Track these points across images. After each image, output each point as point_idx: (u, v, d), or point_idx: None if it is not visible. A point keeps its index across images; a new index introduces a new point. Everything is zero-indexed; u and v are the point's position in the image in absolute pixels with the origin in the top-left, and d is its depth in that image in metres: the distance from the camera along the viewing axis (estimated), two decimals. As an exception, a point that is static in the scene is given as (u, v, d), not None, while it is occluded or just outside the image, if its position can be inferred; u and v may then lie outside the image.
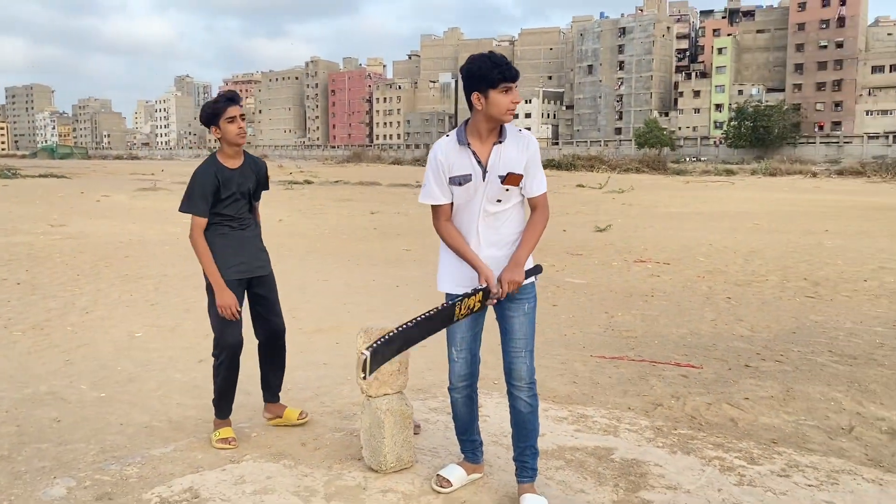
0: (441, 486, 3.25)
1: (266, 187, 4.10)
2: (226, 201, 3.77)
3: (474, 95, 2.98)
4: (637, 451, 3.78)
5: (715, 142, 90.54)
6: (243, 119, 3.76)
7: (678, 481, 3.42)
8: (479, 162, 3.02)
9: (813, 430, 4.26)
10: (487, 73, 2.95)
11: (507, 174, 3.03)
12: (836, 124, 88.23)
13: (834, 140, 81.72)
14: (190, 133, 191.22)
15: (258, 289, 3.96)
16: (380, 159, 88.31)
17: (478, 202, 3.06)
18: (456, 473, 3.31)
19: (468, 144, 3.04)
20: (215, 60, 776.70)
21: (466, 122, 3.10)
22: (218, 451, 3.68)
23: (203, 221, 3.72)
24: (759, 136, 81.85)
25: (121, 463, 3.55)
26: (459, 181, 3.03)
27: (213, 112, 3.72)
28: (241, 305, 3.84)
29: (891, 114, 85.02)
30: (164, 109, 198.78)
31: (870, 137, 79.57)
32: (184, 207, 3.73)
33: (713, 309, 8.10)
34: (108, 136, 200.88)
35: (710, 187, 37.66)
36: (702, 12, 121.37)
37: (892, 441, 4.10)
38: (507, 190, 3.06)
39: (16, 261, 10.81)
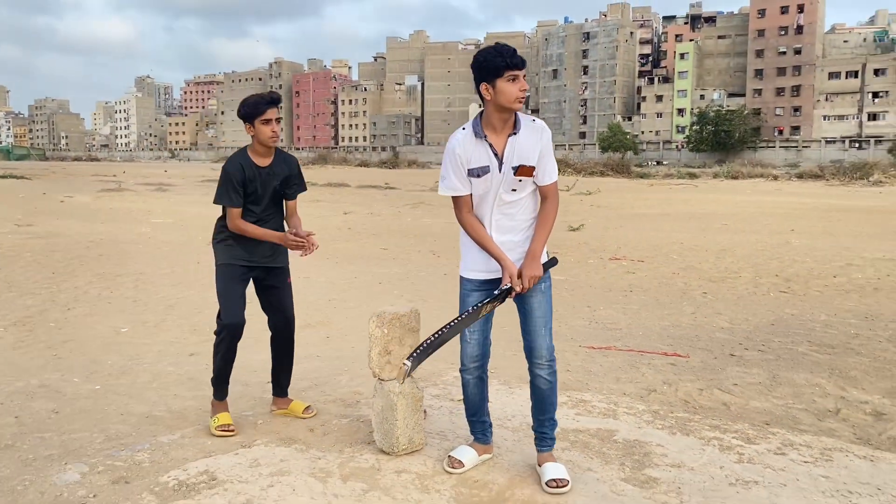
0: (453, 467, 3.31)
1: (302, 187, 4.09)
2: (249, 196, 3.80)
3: (483, 86, 3.03)
4: (638, 432, 3.89)
5: (677, 146, 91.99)
6: (279, 122, 3.80)
7: (681, 460, 3.53)
8: (495, 154, 3.09)
9: (802, 412, 4.42)
10: (493, 62, 3.00)
11: (519, 166, 3.09)
12: (795, 129, 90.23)
13: (793, 144, 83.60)
14: (151, 135, 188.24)
15: (267, 280, 4.00)
16: (346, 161, 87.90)
17: (494, 192, 3.12)
18: (468, 454, 3.38)
19: (485, 137, 3.09)
20: (176, 61, 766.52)
21: (480, 114, 3.15)
22: (227, 438, 3.70)
23: (238, 211, 3.77)
24: (721, 141, 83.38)
25: (130, 450, 3.54)
26: (478, 173, 3.09)
27: (254, 111, 3.73)
28: (244, 290, 3.90)
29: (847, 119, 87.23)
30: (125, 110, 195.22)
31: (827, 142, 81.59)
32: (217, 199, 3.78)
33: (691, 303, 8.29)
34: (66, 137, 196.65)
35: (674, 190, 38.28)
36: (664, 18, 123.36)
37: (878, 422, 4.27)
38: (521, 181, 3.13)
39: (-14, 259, 10.61)
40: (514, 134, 3.10)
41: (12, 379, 5.02)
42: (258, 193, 3.82)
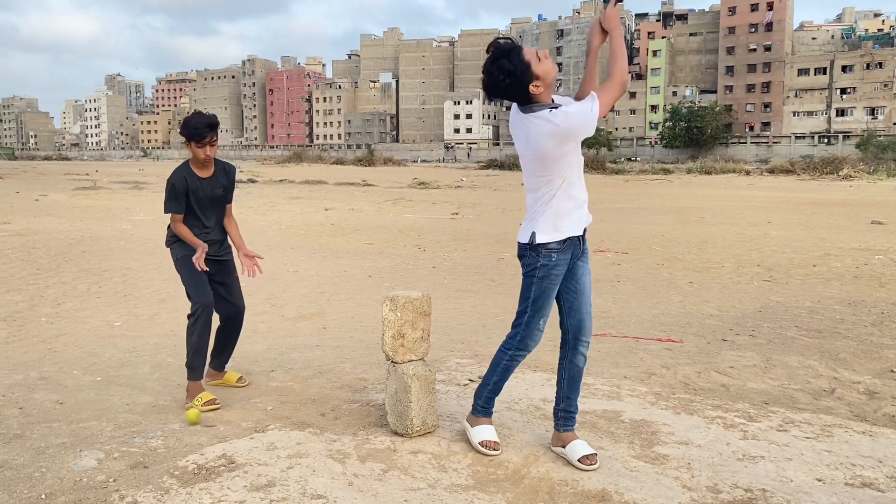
0: (495, 449, 3.33)
1: (231, 195, 4.52)
2: (192, 205, 4.20)
3: (532, 87, 3.01)
4: (643, 412, 3.97)
5: (651, 142, 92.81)
6: (213, 145, 4.14)
7: (688, 437, 3.61)
8: None
9: (798, 392, 4.53)
10: (525, 57, 3.01)
11: None
12: (766, 125, 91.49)
13: (764, 140, 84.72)
14: (122, 133, 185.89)
15: (217, 275, 4.34)
16: (321, 159, 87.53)
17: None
18: (494, 433, 3.42)
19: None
20: (144, 59, 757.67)
21: (544, 107, 3.06)
22: (240, 423, 3.71)
23: (180, 216, 4.19)
24: (693, 137, 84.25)
25: (143, 437, 3.54)
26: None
27: (193, 134, 4.10)
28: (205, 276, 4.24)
29: (816, 115, 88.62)
30: (95, 109, 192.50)
31: (797, 137, 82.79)
32: (166, 209, 4.20)
33: (678, 292, 8.41)
34: (35, 136, 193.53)
35: (650, 185, 38.68)
36: (637, 15, 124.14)
37: (872, 400, 4.40)
38: None
39: (-33, 257, 10.45)
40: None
41: (10, 372, 4.98)
42: (203, 201, 4.22)
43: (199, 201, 4.21)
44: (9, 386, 4.63)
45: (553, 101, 3.13)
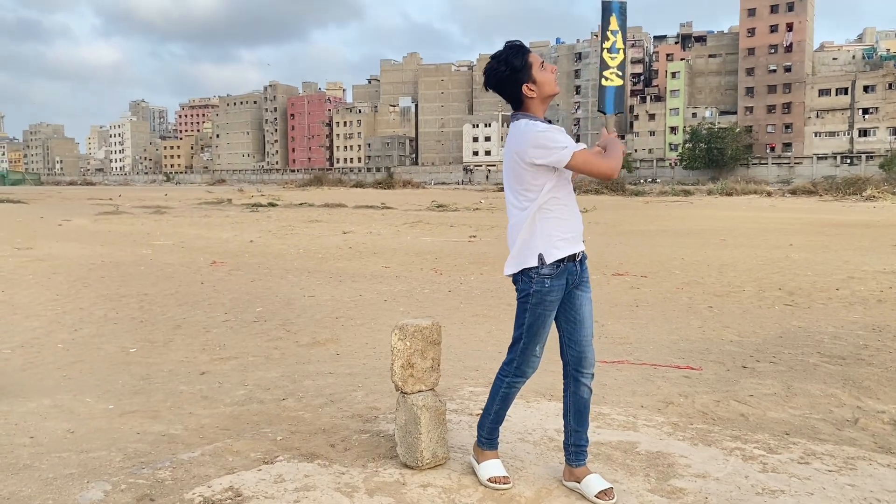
0: (503, 483, 3.25)
1: None
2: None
3: (525, 88, 3.01)
4: (660, 444, 3.87)
5: (671, 163, 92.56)
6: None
7: (705, 470, 3.52)
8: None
9: (820, 422, 4.41)
10: (518, 59, 3.00)
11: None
12: (787, 145, 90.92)
13: (785, 161, 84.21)
14: (145, 158, 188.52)
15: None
16: (341, 182, 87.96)
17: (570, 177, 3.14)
18: (501, 467, 3.34)
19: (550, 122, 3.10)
20: (165, 85, 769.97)
21: (528, 117, 3.05)
22: (248, 453, 3.67)
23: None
24: (714, 158, 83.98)
25: (151, 467, 3.51)
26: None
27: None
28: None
29: (838, 135, 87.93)
30: (119, 135, 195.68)
31: (819, 158, 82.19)
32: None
33: (698, 317, 8.29)
34: (61, 161, 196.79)
35: (670, 206, 38.44)
36: (655, 37, 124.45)
37: (897, 430, 4.27)
38: None
39: (-12, 282, 10.56)
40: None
41: (24, 400, 4.99)
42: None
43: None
44: (22, 414, 4.64)
45: (548, 120, 3.11)
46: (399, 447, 3.50)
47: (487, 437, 3.36)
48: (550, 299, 3.09)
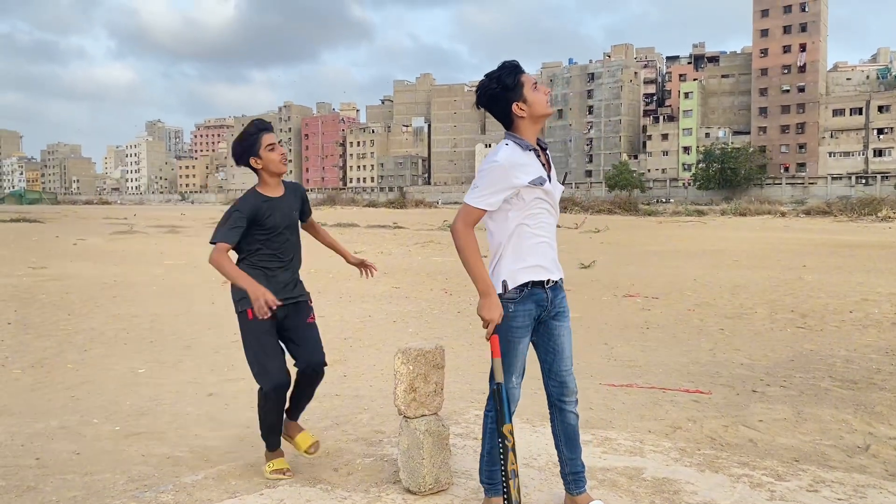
0: None
1: (309, 209, 4.00)
2: (270, 232, 3.61)
3: (515, 107, 2.97)
4: (666, 470, 3.83)
5: (684, 183, 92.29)
6: (281, 144, 3.73)
7: (712, 497, 3.47)
8: (543, 165, 3.02)
9: (830, 448, 4.35)
10: (509, 77, 2.97)
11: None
12: (801, 166, 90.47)
13: (799, 181, 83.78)
14: (161, 178, 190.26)
15: (290, 319, 3.71)
16: (354, 202, 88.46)
17: (555, 204, 3.07)
18: None
19: (532, 149, 3.01)
20: (178, 105, 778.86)
21: (514, 139, 3.01)
22: (251, 478, 3.66)
23: (227, 247, 3.47)
24: (727, 178, 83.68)
25: (154, 491, 3.51)
26: (540, 181, 2.96)
27: (251, 143, 3.62)
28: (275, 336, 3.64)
29: (853, 155, 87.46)
30: (135, 154, 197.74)
31: (833, 178, 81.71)
32: (215, 236, 3.48)
33: (709, 339, 8.23)
34: (78, 181, 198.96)
35: (683, 227, 38.29)
36: (668, 58, 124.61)
37: (909, 458, 4.20)
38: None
39: (1, 301, 10.65)
40: (545, 148, 3.10)
41: (31, 421, 5.01)
42: (279, 226, 3.63)
43: (275, 228, 3.59)
44: (29, 435, 4.66)
45: (538, 141, 3.07)
46: (402, 472, 3.48)
47: (488, 480, 3.19)
48: (516, 325, 3.00)
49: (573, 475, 3.21)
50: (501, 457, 2.95)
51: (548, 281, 3.06)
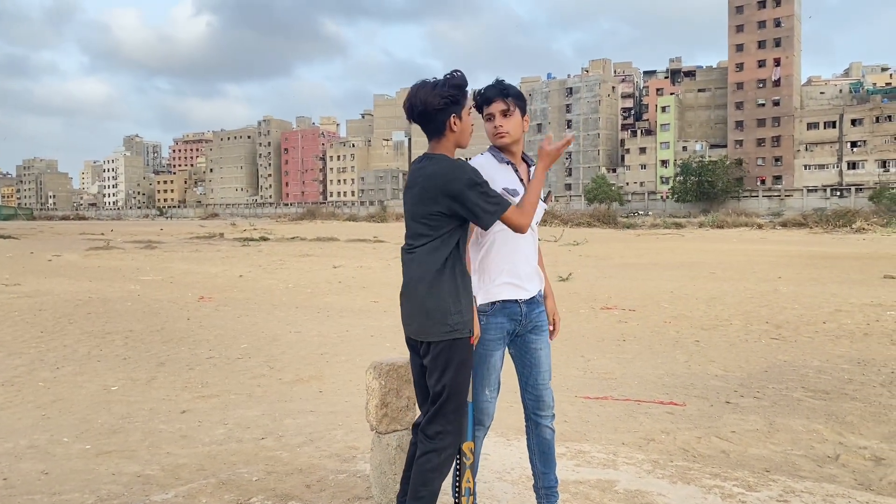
0: None
1: None
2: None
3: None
4: (638, 482, 3.85)
5: (662, 196, 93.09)
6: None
7: (683, 509, 3.49)
8: (521, 180, 3.06)
9: (801, 458, 4.39)
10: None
11: (548, 192, 3.12)
12: (777, 178, 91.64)
13: (776, 193, 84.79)
14: (139, 193, 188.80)
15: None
16: (334, 216, 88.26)
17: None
18: None
19: (508, 162, 3.07)
20: (154, 120, 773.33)
21: (492, 150, 3.12)
22: (221, 496, 3.63)
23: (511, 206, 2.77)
24: (704, 191, 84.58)
25: (123, 510, 3.47)
26: (513, 193, 2.98)
27: (463, 95, 2.88)
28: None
29: (827, 168, 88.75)
30: (113, 169, 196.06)
31: (809, 191, 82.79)
32: (495, 203, 2.74)
33: (684, 351, 8.28)
34: (54, 196, 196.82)
35: (661, 239, 38.57)
36: (645, 72, 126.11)
37: (878, 467, 4.25)
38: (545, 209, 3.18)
39: (-27, 319, 10.48)
40: (531, 165, 3.13)
41: (0, 440, 4.93)
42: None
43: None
44: (-4, 455, 4.58)
45: (523, 156, 3.12)
46: (374, 487, 3.47)
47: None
48: (488, 338, 2.99)
49: (546, 489, 3.21)
50: (458, 473, 2.94)
51: (521, 297, 3.08)
